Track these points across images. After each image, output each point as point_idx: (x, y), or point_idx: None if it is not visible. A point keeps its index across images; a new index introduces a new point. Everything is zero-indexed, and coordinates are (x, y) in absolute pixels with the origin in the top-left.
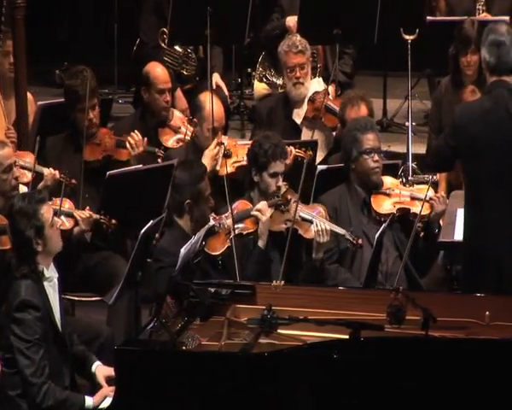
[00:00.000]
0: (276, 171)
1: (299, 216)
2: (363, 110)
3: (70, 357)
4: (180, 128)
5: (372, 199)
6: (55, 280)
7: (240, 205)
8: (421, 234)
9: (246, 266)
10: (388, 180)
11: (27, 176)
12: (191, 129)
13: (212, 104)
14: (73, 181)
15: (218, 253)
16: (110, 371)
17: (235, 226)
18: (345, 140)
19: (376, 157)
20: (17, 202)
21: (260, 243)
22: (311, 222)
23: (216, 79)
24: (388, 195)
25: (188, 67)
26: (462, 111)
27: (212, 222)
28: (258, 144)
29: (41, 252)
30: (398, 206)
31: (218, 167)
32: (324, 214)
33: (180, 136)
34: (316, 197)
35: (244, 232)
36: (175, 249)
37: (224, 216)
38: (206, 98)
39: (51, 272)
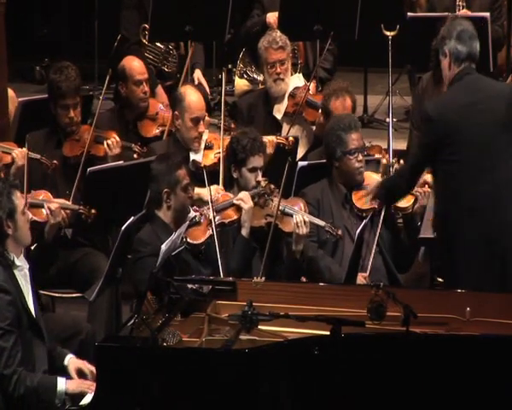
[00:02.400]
0: (255, 165)
1: (281, 210)
2: (348, 102)
3: (47, 341)
4: (157, 114)
5: (353, 195)
6: (26, 271)
7: (221, 197)
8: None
9: (230, 257)
10: (369, 175)
11: (8, 159)
12: (168, 113)
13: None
14: (55, 162)
15: (199, 241)
16: (83, 363)
17: (217, 216)
18: (328, 139)
19: (360, 157)
20: None
21: (244, 232)
22: (291, 216)
23: (197, 75)
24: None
25: (169, 64)
26: (434, 105)
27: (192, 213)
28: (235, 140)
29: (11, 237)
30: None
31: (200, 159)
32: (304, 209)
33: (160, 123)
34: (296, 193)
35: (226, 221)
36: (153, 239)
37: (205, 208)
38: (185, 90)
39: (21, 262)
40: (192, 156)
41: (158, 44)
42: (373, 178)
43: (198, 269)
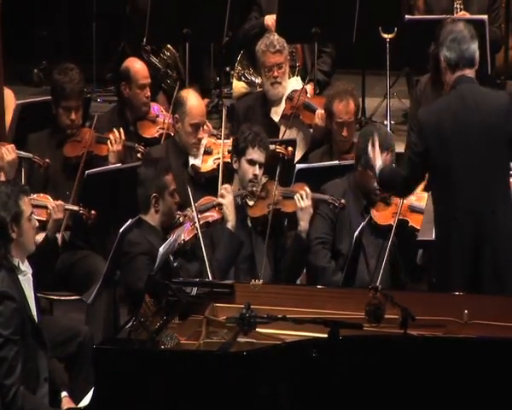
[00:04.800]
0: (254, 158)
1: (281, 195)
2: (352, 106)
3: (48, 348)
4: (158, 117)
5: (372, 210)
6: (30, 276)
7: (204, 200)
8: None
9: (216, 248)
10: None
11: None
12: (168, 116)
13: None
14: (47, 160)
15: (183, 239)
16: None
17: (201, 216)
18: (359, 140)
19: None
20: None
21: (229, 225)
22: (292, 198)
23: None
24: (389, 204)
25: (169, 82)
26: (427, 112)
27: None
28: (240, 132)
29: (15, 241)
30: (396, 217)
31: (199, 164)
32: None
33: (159, 126)
34: None
35: (210, 220)
36: (142, 240)
37: (188, 210)
38: (187, 94)
39: (25, 267)
40: (191, 161)
41: (156, 63)
42: None
43: (185, 266)
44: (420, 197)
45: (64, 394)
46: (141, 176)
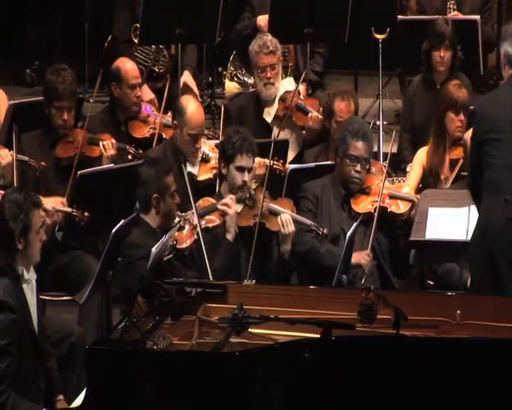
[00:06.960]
0: (242, 165)
1: (268, 210)
2: (352, 106)
3: (46, 359)
4: (149, 117)
5: (352, 199)
6: (34, 282)
7: (202, 202)
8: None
9: (214, 259)
10: (370, 177)
11: None
12: (159, 115)
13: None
14: (43, 163)
15: (184, 246)
16: None
17: (201, 220)
18: (338, 134)
19: (359, 168)
20: (12, 193)
21: (229, 236)
22: (278, 215)
23: (185, 78)
24: (367, 193)
25: (160, 65)
26: (483, 101)
27: (176, 219)
28: (227, 137)
29: (21, 252)
30: (376, 204)
31: (196, 172)
32: (292, 209)
33: (151, 125)
34: (287, 196)
35: (210, 226)
36: (143, 242)
37: (189, 212)
38: (187, 103)
39: (30, 275)
40: (188, 168)
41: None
42: (373, 181)
43: (183, 272)
44: (399, 186)
45: (60, 397)
46: (142, 175)
